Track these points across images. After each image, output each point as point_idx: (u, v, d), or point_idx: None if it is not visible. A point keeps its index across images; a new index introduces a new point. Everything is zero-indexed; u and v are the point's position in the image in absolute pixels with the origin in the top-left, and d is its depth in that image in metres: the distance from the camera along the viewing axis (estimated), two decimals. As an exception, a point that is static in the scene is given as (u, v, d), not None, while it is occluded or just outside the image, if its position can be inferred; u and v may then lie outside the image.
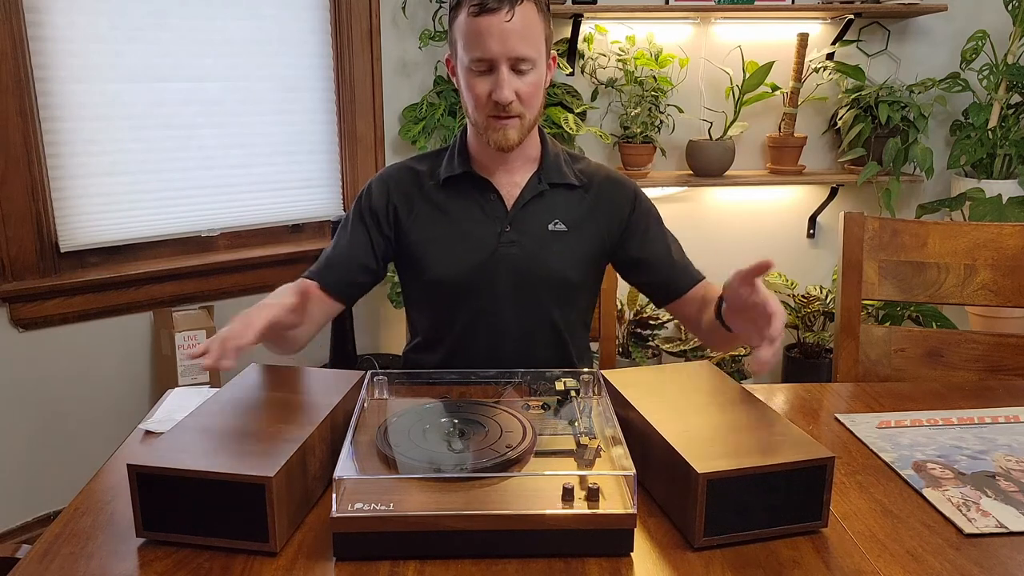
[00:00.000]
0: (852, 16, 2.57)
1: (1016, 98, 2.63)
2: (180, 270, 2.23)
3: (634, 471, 0.77)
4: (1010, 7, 2.56)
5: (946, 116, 2.77)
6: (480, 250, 1.27)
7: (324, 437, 0.88)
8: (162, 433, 1.04)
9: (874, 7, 2.53)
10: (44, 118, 2.02)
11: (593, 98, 2.66)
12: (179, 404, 1.13)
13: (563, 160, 1.32)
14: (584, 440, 0.86)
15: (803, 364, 2.75)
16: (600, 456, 0.84)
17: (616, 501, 0.77)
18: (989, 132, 2.59)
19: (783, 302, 2.78)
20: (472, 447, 0.87)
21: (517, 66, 1.17)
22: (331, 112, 2.49)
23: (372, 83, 2.50)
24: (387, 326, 2.69)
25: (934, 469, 0.96)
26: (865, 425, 1.08)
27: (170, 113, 2.22)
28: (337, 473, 0.77)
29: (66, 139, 2.07)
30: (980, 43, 2.60)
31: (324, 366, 2.41)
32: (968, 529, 0.82)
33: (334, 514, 0.75)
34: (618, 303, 2.62)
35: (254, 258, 2.35)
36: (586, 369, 1.19)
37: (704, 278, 1.31)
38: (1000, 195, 2.49)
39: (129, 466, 0.77)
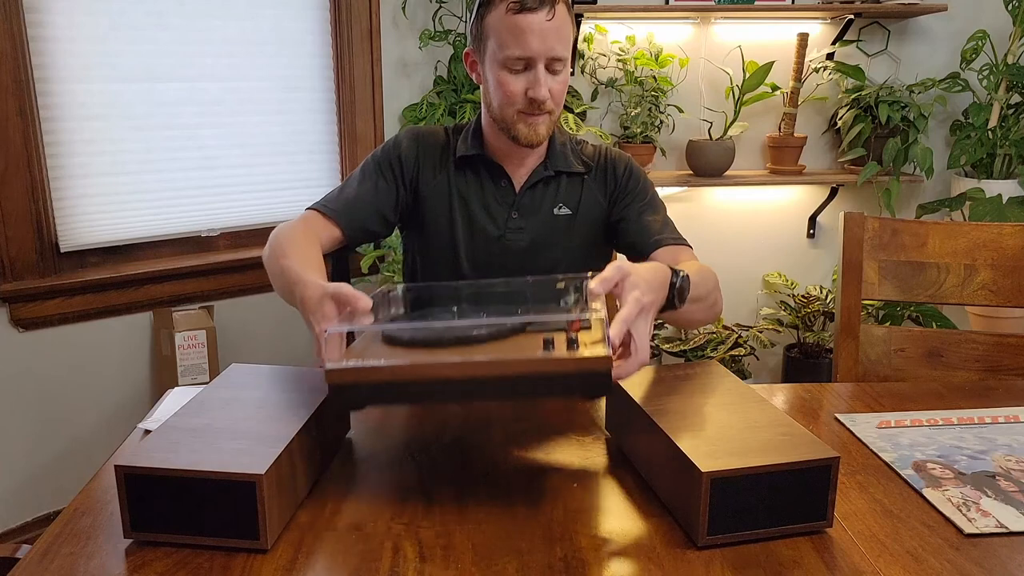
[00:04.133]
0: (852, 16, 2.57)
1: (1016, 98, 2.63)
2: (180, 270, 2.23)
3: (605, 315, 0.81)
4: (1010, 7, 2.56)
5: (946, 116, 2.77)
6: (488, 234, 1.30)
7: (311, 434, 0.88)
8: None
9: (874, 7, 2.53)
10: (44, 118, 2.02)
11: (593, 98, 2.66)
12: (179, 404, 1.13)
13: (570, 149, 1.35)
14: (573, 311, 0.89)
15: (803, 364, 2.75)
16: (588, 328, 0.86)
17: (593, 349, 0.79)
18: (989, 132, 2.60)
19: (783, 302, 2.79)
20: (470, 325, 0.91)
21: (552, 65, 1.19)
22: (331, 112, 2.49)
23: (372, 83, 2.50)
24: (387, 326, 2.69)
25: (934, 469, 0.96)
26: (865, 425, 1.08)
27: (170, 113, 2.22)
28: (329, 330, 0.85)
29: (66, 139, 2.07)
30: (980, 43, 2.60)
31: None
32: (968, 529, 0.82)
33: (327, 367, 0.80)
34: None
35: (254, 258, 2.35)
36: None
37: (678, 243, 1.27)
38: (1000, 195, 2.49)
39: (117, 467, 0.77)
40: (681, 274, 1.01)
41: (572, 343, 0.80)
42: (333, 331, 0.87)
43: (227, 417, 0.88)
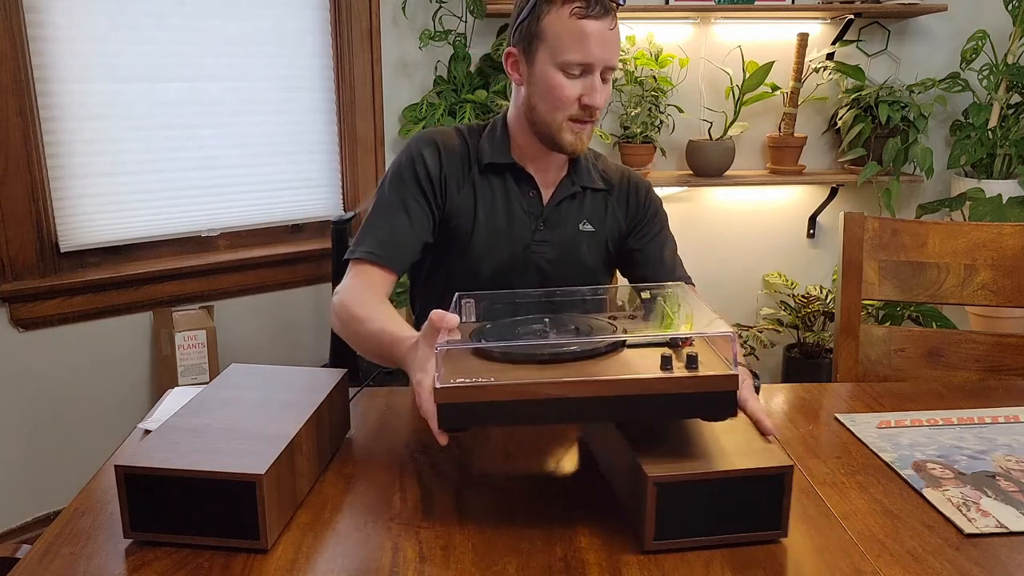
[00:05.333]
0: (852, 16, 2.57)
1: (1016, 98, 2.63)
2: (180, 270, 2.23)
3: (733, 332, 0.77)
4: (1010, 7, 2.56)
5: (946, 116, 2.77)
6: (513, 245, 1.27)
7: (311, 435, 0.88)
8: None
9: (874, 7, 2.53)
10: (44, 118, 2.02)
11: (593, 98, 2.66)
12: (179, 404, 1.13)
13: (591, 164, 1.33)
14: (679, 328, 0.86)
15: (803, 364, 2.75)
16: (693, 344, 0.84)
17: (716, 367, 0.77)
18: (989, 132, 2.59)
19: (783, 302, 2.79)
20: (567, 339, 0.88)
21: (606, 75, 1.17)
22: (331, 112, 2.49)
23: (372, 83, 2.50)
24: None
25: (934, 469, 0.96)
26: (865, 425, 1.08)
27: (170, 113, 2.22)
28: (439, 346, 0.79)
29: (66, 139, 2.07)
30: (980, 43, 2.60)
31: (324, 365, 2.41)
32: (968, 529, 0.82)
33: (437, 385, 0.76)
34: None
35: (254, 258, 2.35)
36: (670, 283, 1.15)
37: (690, 283, 1.30)
38: (1000, 195, 2.49)
39: (117, 467, 0.77)
40: (756, 379, 1.06)
41: (692, 361, 0.77)
42: (442, 349, 0.81)
43: (227, 417, 0.88)
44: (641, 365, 0.79)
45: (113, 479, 0.91)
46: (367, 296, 1.13)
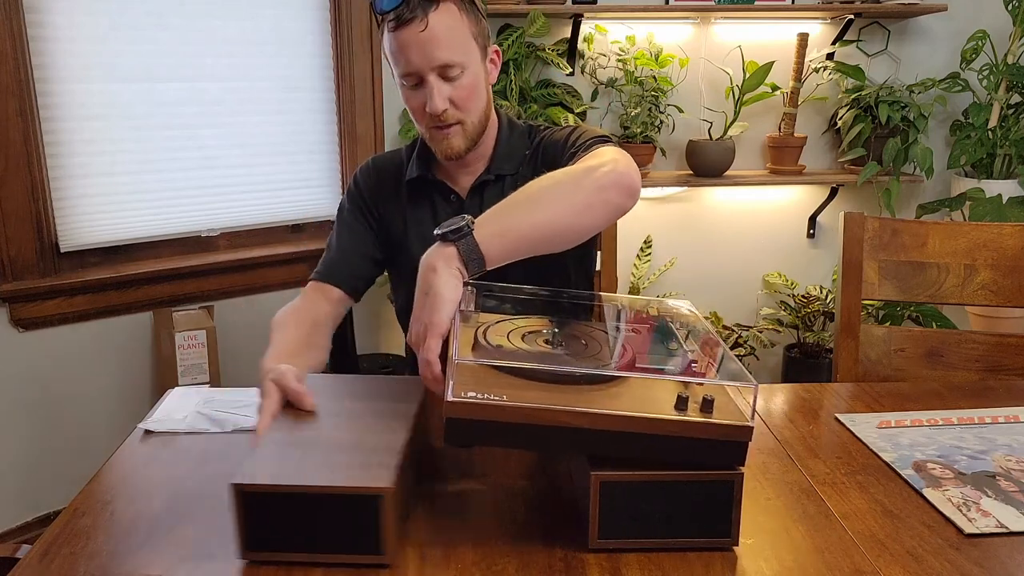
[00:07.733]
0: (852, 16, 2.57)
1: (1016, 98, 2.63)
2: (180, 270, 2.23)
3: (756, 383, 0.76)
4: (1010, 7, 2.56)
5: (946, 116, 2.77)
6: None
7: (416, 445, 0.86)
8: (162, 432, 1.04)
9: (874, 7, 2.53)
10: (44, 118, 2.02)
11: (593, 98, 2.66)
12: (179, 404, 1.13)
13: (515, 146, 1.27)
14: (693, 356, 0.85)
15: (803, 364, 2.75)
16: (708, 373, 0.83)
17: (730, 414, 0.76)
18: (989, 132, 2.60)
19: (783, 302, 2.79)
20: (577, 356, 0.86)
21: (445, 73, 1.12)
22: (331, 112, 2.49)
23: (372, 83, 2.50)
24: (387, 326, 2.69)
25: (934, 469, 0.96)
26: (865, 425, 1.08)
27: (170, 113, 2.22)
28: (456, 359, 0.77)
29: (66, 139, 2.07)
30: (980, 43, 2.60)
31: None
32: (968, 529, 0.82)
33: (449, 398, 0.73)
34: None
35: (254, 258, 2.35)
36: (681, 300, 1.12)
37: (588, 150, 1.16)
38: (1000, 195, 2.49)
39: (234, 485, 0.73)
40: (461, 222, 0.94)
41: (707, 405, 0.76)
42: (461, 361, 0.80)
43: (326, 429, 0.85)
44: (655, 398, 0.79)
45: (114, 479, 0.91)
46: (288, 319, 1.21)
